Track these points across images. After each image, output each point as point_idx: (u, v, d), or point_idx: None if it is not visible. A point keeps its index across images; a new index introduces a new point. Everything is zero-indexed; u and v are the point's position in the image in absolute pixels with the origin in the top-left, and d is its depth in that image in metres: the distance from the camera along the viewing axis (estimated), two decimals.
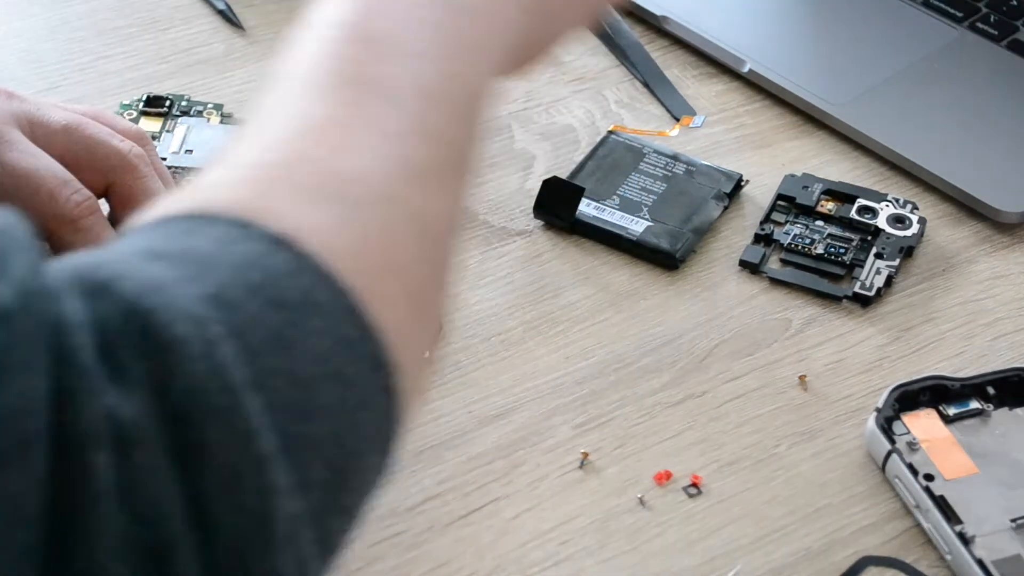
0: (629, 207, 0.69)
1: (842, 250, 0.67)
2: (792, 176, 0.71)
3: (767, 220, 0.69)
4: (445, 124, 0.41)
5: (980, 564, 0.53)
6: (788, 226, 0.69)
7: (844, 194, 0.70)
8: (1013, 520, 0.55)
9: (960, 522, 0.54)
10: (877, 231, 0.68)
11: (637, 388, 0.61)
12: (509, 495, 0.57)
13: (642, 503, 0.56)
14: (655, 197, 0.69)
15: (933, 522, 0.55)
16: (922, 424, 0.58)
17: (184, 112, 0.74)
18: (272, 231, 0.35)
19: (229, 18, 0.81)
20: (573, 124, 0.75)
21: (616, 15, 0.77)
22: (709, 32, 0.80)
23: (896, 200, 0.69)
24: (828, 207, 0.69)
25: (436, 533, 0.55)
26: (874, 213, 0.69)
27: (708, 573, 0.54)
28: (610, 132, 0.74)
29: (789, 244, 0.68)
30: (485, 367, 0.62)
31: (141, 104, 0.74)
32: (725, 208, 0.70)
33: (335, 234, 0.36)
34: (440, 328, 0.45)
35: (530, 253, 0.68)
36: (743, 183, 0.71)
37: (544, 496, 0.57)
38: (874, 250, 0.67)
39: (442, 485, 0.57)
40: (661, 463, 0.58)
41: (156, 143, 0.70)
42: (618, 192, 0.70)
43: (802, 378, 0.62)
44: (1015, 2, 0.82)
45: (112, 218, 0.60)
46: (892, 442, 0.57)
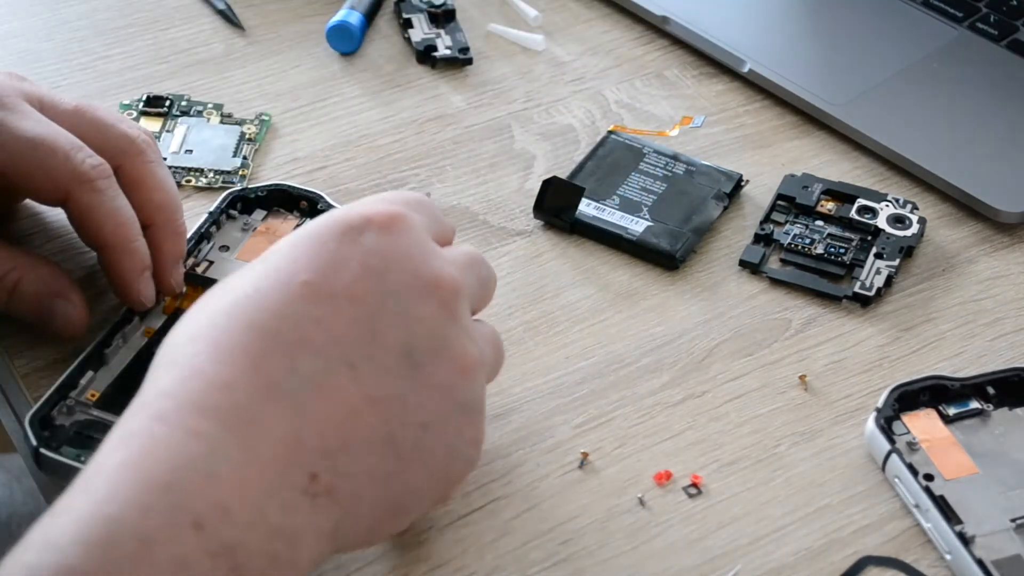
0: (629, 207, 0.69)
1: (842, 250, 0.67)
2: (792, 176, 0.71)
3: (767, 220, 0.69)
4: None
5: (980, 564, 0.53)
6: (788, 226, 0.69)
7: (844, 194, 0.70)
8: (1013, 520, 0.55)
9: (960, 522, 0.54)
10: (877, 231, 0.68)
11: (637, 388, 0.61)
12: (509, 495, 0.57)
13: (642, 503, 0.56)
14: (655, 197, 0.69)
15: (933, 522, 0.55)
16: (922, 424, 0.58)
17: (184, 112, 0.74)
18: None
19: (229, 18, 0.81)
20: (573, 124, 0.75)
21: None
22: (709, 32, 0.80)
23: (896, 200, 0.69)
24: (828, 207, 0.69)
25: (436, 533, 0.55)
26: (874, 213, 0.69)
27: (708, 573, 0.54)
28: (610, 132, 0.74)
29: (789, 244, 0.68)
30: None
31: (141, 104, 0.74)
32: (725, 208, 0.70)
33: None
34: None
35: (530, 253, 0.68)
36: (743, 183, 0.71)
37: (544, 496, 0.57)
38: (874, 250, 0.67)
39: None
40: (661, 463, 0.58)
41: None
42: (618, 192, 0.70)
43: (802, 378, 0.62)
44: (1015, 2, 0.82)
45: None
46: (892, 442, 0.57)
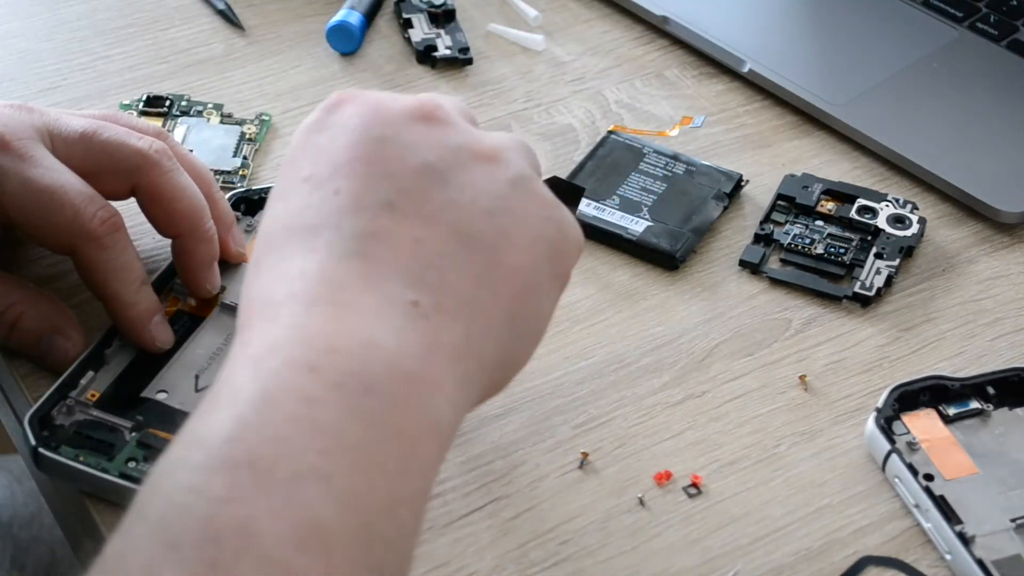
0: (629, 207, 0.69)
1: (842, 250, 0.67)
2: (792, 176, 0.71)
3: (767, 220, 0.69)
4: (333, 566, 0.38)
5: (980, 564, 0.53)
6: (788, 226, 0.69)
7: (844, 194, 0.70)
8: (1013, 520, 0.55)
9: (960, 522, 0.54)
10: (877, 231, 0.68)
11: (637, 388, 0.61)
12: (509, 495, 0.56)
13: (642, 503, 0.56)
14: (655, 197, 0.69)
15: (933, 522, 0.55)
16: (922, 424, 0.58)
17: (184, 112, 0.74)
18: None
19: (229, 18, 0.81)
20: (573, 124, 0.75)
21: None
22: (709, 32, 0.80)
23: (896, 200, 0.69)
24: (828, 207, 0.69)
25: (436, 533, 0.55)
26: (874, 213, 0.69)
27: (708, 573, 0.54)
28: (610, 132, 0.74)
29: (789, 244, 0.68)
30: None
31: (141, 104, 0.74)
32: (725, 208, 0.70)
33: None
34: None
35: None
36: (743, 183, 0.71)
37: (544, 496, 0.57)
38: (874, 250, 0.67)
39: (442, 485, 0.57)
40: (661, 463, 0.58)
41: None
42: (618, 192, 0.70)
43: (802, 378, 0.62)
44: (1015, 2, 0.82)
45: (146, 215, 0.61)
46: (892, 442, 0.57)
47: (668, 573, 0.54)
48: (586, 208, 0.68)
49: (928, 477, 0.56)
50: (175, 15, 0.82)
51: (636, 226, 0.68)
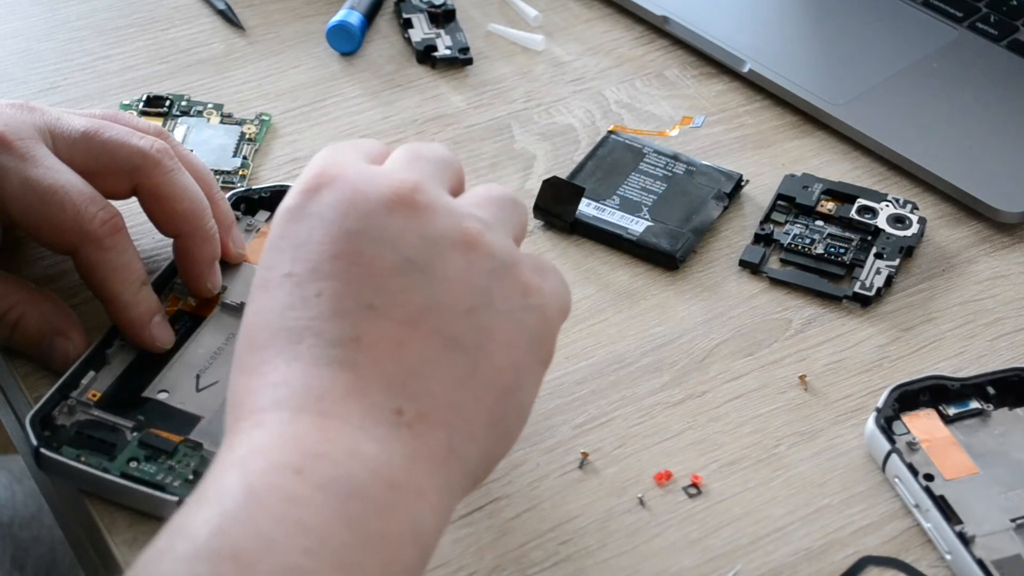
0: (629, 207, 0.69)
1: (842, 250, 0.67)
2: (792, 176, 0.71)
3: (767, 220, 0.69)
4: None
5: (980, 564, 0.53)
6: (788, 226, 0.69)
7: (844, 194, 0.70)
8: (1013, 520, 0.55)
9: (960, 522, 0.54)
10: (877, 231, 0.68)
11: (637, 388, 0.61)
12: (509, 495, 0.57)
13: (642, 503, 0.56)
14: (655, 197, 0.69)
15: (933, 522, 0.55)
16: (922, 424, 0.58)
17: (184, 112, 0.74)
18: None
19: (229, 18, 0.81)
20: (573, 124, 0.75)
21: None
22: (709, 32, 0.80)
23: (896, 200, 0.69)
24: (828, 207, 0.69)
25: None
26: (874, 213, 0.69)
27: (708, 573, 0.54)
28: (610, 132, 0.74)
29: (789, 244, 0.68)
30: None
31: (141, 104, 0.74)
32: (725, 208, 0.70)
33: None
34: None
35: (530, 253, 0.67)
36: (743, 183, 0.71)
37: (544, 496, 0.57)
38: (874, 250, 0.67)
39: None
40: (661, 463, 0.58)
41: None
42: (618, 192, 0.70)
43: (802, 378, 0.62)
44: (1015, 2, 0.82)
45: (147, 215, 0.61)
46: (892, 442, 0.57)
47: (668, 573, 0.54)
48: (586, 208, 0.68)
49: (928, 477, 0.56)
50: (175, 15, 0.82)
51: (636, 226, 0.68)
